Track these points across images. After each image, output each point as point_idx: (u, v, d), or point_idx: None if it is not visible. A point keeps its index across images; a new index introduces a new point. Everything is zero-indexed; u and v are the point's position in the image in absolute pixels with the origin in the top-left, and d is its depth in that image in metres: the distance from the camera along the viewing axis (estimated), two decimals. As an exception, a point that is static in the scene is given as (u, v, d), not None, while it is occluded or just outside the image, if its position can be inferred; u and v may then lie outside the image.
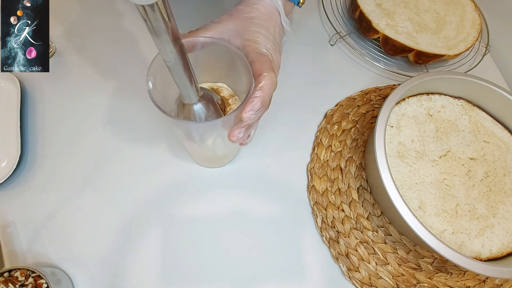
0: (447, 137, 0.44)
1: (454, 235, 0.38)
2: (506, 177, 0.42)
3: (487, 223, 0.39)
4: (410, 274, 0.42)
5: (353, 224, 0.44)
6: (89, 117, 0.49)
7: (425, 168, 0.41)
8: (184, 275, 0.41)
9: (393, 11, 0.58)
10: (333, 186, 0.46)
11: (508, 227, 0.39)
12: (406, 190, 0.40)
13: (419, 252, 0.43)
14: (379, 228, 0.44)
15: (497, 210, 0.40)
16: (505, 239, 0.39)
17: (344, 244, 0.43)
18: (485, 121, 0.46)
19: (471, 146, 0.44)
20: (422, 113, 0.45)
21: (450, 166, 0.42)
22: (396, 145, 0.42)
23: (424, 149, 0.43)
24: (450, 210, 0.39)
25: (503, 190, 0.41)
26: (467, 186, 0.41)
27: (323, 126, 0.51)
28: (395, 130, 0.43)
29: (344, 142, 0.49)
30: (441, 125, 0.45)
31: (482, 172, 0.42)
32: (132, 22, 0.57)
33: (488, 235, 0.39)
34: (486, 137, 0.45)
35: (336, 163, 0.48)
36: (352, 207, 0.45)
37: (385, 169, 0.36)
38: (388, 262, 0.42)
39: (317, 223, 0.44)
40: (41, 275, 0.34)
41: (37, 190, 0.44)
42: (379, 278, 0.41)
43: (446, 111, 0.46)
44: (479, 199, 0.40)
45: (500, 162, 0.43)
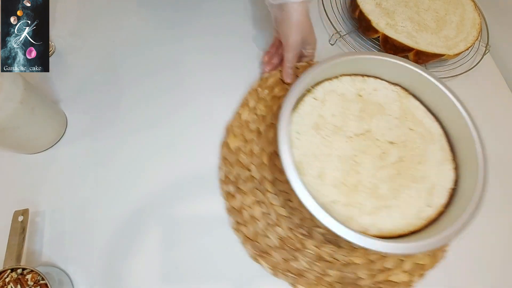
0: (370, 118, 0.44)
1: (345, 207, 0.38)
2: (420, 165, 0.42)
3: (385, 204, 0.39)
4: (298, 239, 0.42)
5: (256, 184, 0.45)
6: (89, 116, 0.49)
7: (338, 143, 0.42)
8: (184, 274, 0.41)
9: (393, 11, 0.58)
10: (247, 146, 0.47)
11: (406, 212, 0.39)
12: (310, 157, 0.40)
13: (315, 222, 0.42)
14: (281, 193, 0.44)
15: (400, 193, 0.40)
16: (399, 222, 0.38)
17: (240, 200, 0.44)
18: (416, 110, 0.46)
19: (394, 131, 0.43)
20: (352, 92, 0.46)
21: (365, 145, 0.42)
22: (315, 116, 0.43)
23: (342, 125, 0.43)
24: (350, 185, 0.39)
25: (412, 176, 0.41)
26: (376, 166, 0.41)
27: (254, 87, 0.51)
28: (319, 103, 0.44)
29: (271, 108, 0.49)
30: (368, 107, 0.45)
31: (396, 156, 0.42)
32: (132, 22, 0.58)
33: (383, 215, 0.38)
34: (412, 125, 0.44)
35: (257, 126, 0.48)
36: (260, 169, 0.45)
37: (283, 131, 0.38)
38: (279, 225, 0.43)
39: (221, 177, 0.45)
40: (48, 284, 0.34)
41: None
42: (265, 236, 0.42)
43: (378, 94, 0.46)
44: (385, 180, 0.40)
45: (419, 150, 0.42)
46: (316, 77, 0.44)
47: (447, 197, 0.40)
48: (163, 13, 0.59)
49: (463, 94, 0.58)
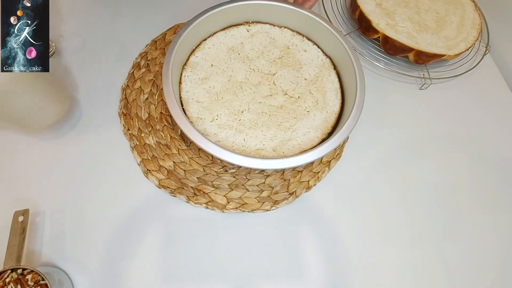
0: (282, 67, 0.48)
1: (203, 109, 0.43)
2: (294, 120, 0.44)
3: (238, 128, 0.42)
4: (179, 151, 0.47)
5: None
6: (88, 117, 0.49)
7: (238, 68, 0.46)
8: (184, 274, 0.41)
9: (393, 11, 0.57)
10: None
11: (249, 143, 0.42)
12: (207, 64, 0.46)
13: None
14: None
15: (257, 128, 0.43)
16: (238, 147, 0.41)
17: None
18: (329, 83, 0.48)
19: (294, 86, 0.46)
20: (284, 42, 0.50)
21: (259, 81, 0.46)
22: (237, 42, 0.48)
23: (254, 59, 0.48)
24: (221, 98, 0.44)
25: (279, 123, 0.44)
26: (255, 100, 0.44)
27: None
28: (249, 35, 0.49)
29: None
30: (288, 59, 0.48)
31: (279, 103, 0.45)
32: (133, 22, 0.58)
33: (229, 133, 0.42)
34: (315, 90, 0.47)
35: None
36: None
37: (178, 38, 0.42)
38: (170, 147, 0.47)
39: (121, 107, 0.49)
40: (48, 284, 0.34)
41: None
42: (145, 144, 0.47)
43: (304, 55, 0.49)
44: (253, 112, 0.44)
45: (303, 110, 0.45)
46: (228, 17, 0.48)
47: (294, 153, 0.42)
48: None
49: (463, 94, 0.59)
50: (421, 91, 0.58)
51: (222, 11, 0.46)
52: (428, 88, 0.58)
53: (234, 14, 0.48)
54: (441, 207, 0.49)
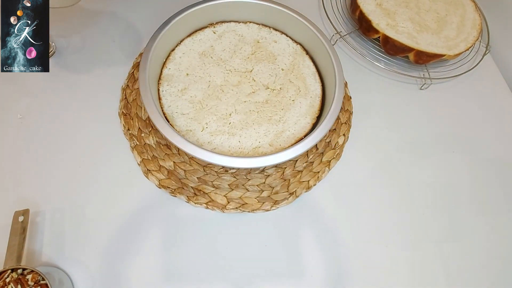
0: (257, 62, 0.48)
1: (191, 120, 0.43)
2: (282, 111, 0.45)
3: (230, 131, 0.43)
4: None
5: None
6: (88, 117, 0.49)
7: (215, 72, 0.47)
8: (184, 274, 0.41)
9: (393, 11, 0.57)
10: None
11: (244, 143, 0.42)
12: (182, 74, 0.46)
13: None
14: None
15: (249, 127, 0.43)
16: (234, 150, 0.42)
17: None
18: (305, 68, 0.49)
19: (274, 78, 0.47)
20: (252, 37, 0.50)
21: (239, 81, 0.46)
22: (207, 46, 0.49)
23: (228, 60, 0.48)
24: (206, 106, 0.44)
25: (269, 118, 0.44)
26: (239, 100, 0.45)
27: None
28: (216, 37, 0.49)
29: None
30: (261, 53, 0.49)
31: (264, 98, 0.46)
32: (132, 22, 0.58)
33: (223, 138, 0.42)
34: (294, 78, 0.48)
35: None
36: None
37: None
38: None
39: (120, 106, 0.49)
40: (48, 284, 0.34)
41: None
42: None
43: (276, 46, 0.50)
44: (241, 113, 0.44)
45: (288, 99, 0.46)
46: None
47: (290, 143, 0.43)
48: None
49: (463, 94, 0.59)
50: (421, 91, 0.58)
51: (186, 17, 0.46)
52: (428, 88, 0.58)
53: (196, 17, 0.48)
54: (441, 207, 0.49)
